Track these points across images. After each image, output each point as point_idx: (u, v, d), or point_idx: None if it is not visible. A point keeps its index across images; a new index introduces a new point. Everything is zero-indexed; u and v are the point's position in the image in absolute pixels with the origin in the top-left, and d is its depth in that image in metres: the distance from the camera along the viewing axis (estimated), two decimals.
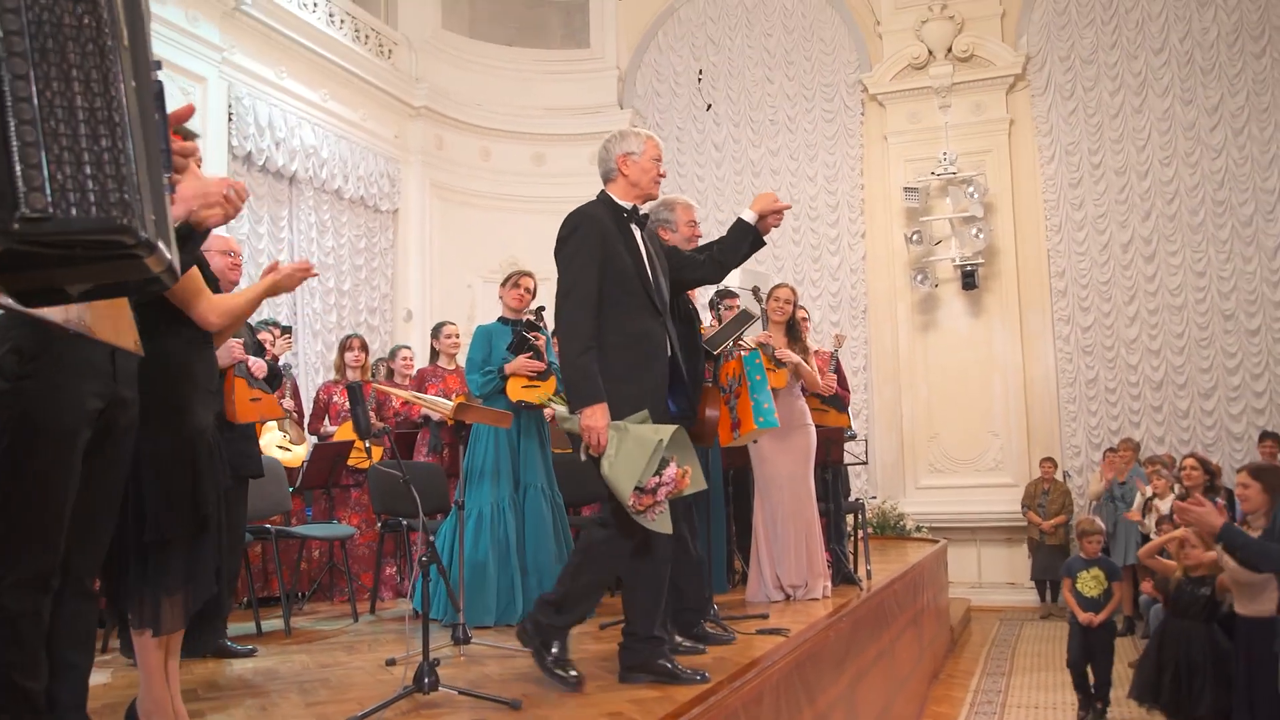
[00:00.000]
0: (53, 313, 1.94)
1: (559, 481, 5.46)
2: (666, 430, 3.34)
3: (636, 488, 3.23)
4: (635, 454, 3.26)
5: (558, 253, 3.51)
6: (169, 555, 2.58)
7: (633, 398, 3.35)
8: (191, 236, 2.56)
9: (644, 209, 4.22)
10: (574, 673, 3.37)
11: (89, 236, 1.17)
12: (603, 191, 3.68)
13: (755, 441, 5.41)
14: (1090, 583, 6.34)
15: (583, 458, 3.36)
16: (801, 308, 6.95)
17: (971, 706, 6.86)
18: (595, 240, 3.44)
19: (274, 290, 3.23)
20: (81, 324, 2.07)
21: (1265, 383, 10.53)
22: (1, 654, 2.12)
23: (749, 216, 3.95)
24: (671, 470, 3.30)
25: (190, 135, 2.71)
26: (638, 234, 3.62)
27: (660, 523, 3.30)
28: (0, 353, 2.11)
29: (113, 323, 2.21)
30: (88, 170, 1.15)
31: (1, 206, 1.12)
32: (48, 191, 1.13)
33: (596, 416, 3.25)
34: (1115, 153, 11.22)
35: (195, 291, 2.91)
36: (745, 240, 4.01)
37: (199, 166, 2.66)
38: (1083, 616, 6.30)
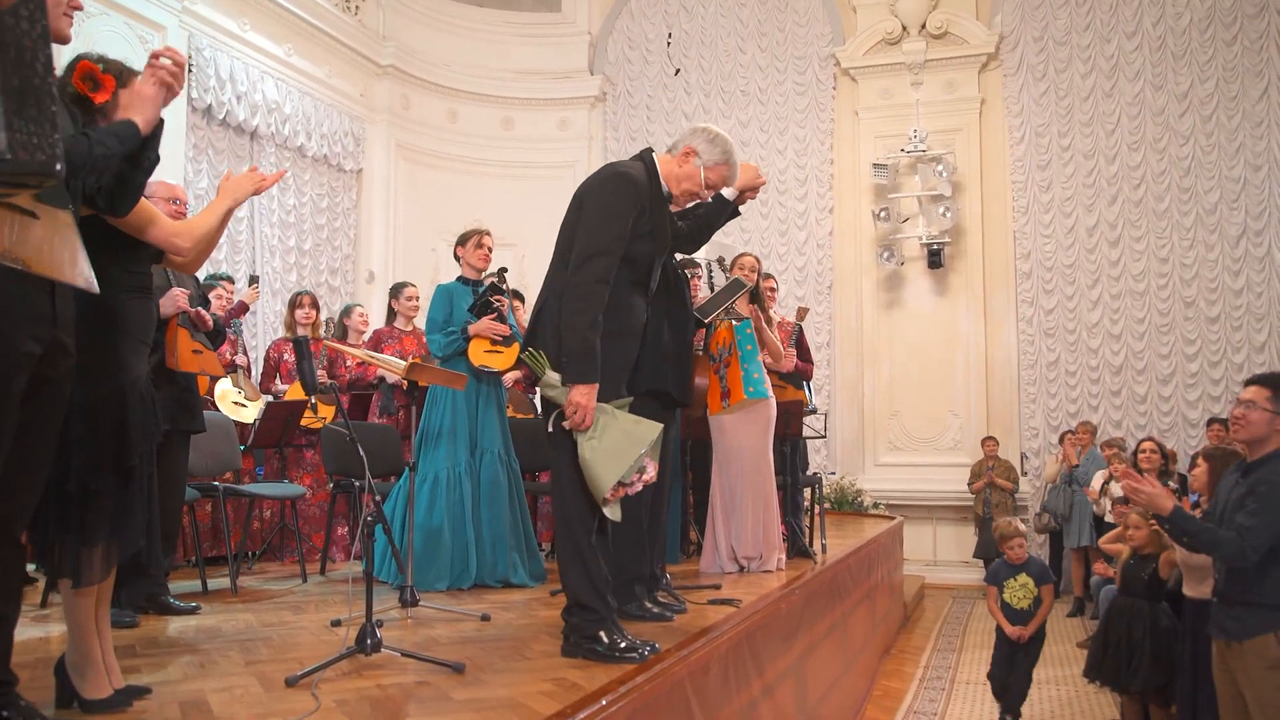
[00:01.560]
0: None
1: (515, 447, 5.41)
2: (655, 429, 3.27)
3: (619, 482, 3.17)
4: (623, 448, 3.18)
5: (588, 211, 3.27)
6: (91, 506, 2.50)
7: (607, 375, 3.24)
8: (151, 139, 2.50)
9: None
10: (634, 647, 3.20)
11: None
12: (650, 154, 3.50)
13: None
14: (1019, 592, 5.86)
15: (550, 428, 3.26)
16: (770, 276, 6.92)
17: (921, 682, 6.91)
18: (632, 210, 3.26)
19: (234, 199, 3.07)
20: (11, 257, 1.97)
21: (1222, 370, 10.64)
22: None
23: (729, 192, 3.87)
24: (651, 468, 3.26)
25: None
26: (665, 215, 3.50)
27: (614, 511, 3.26)
28: None
29: (53, 256, 2.11)
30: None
31: None
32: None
33: (588, 395, 3.14)
34: (1085, 136, 11.25)
35: (149, 219, 2.83)
36: (724, 214, 3.96)
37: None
38: (1011, 631, 5.80)
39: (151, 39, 8.38)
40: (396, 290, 6.73)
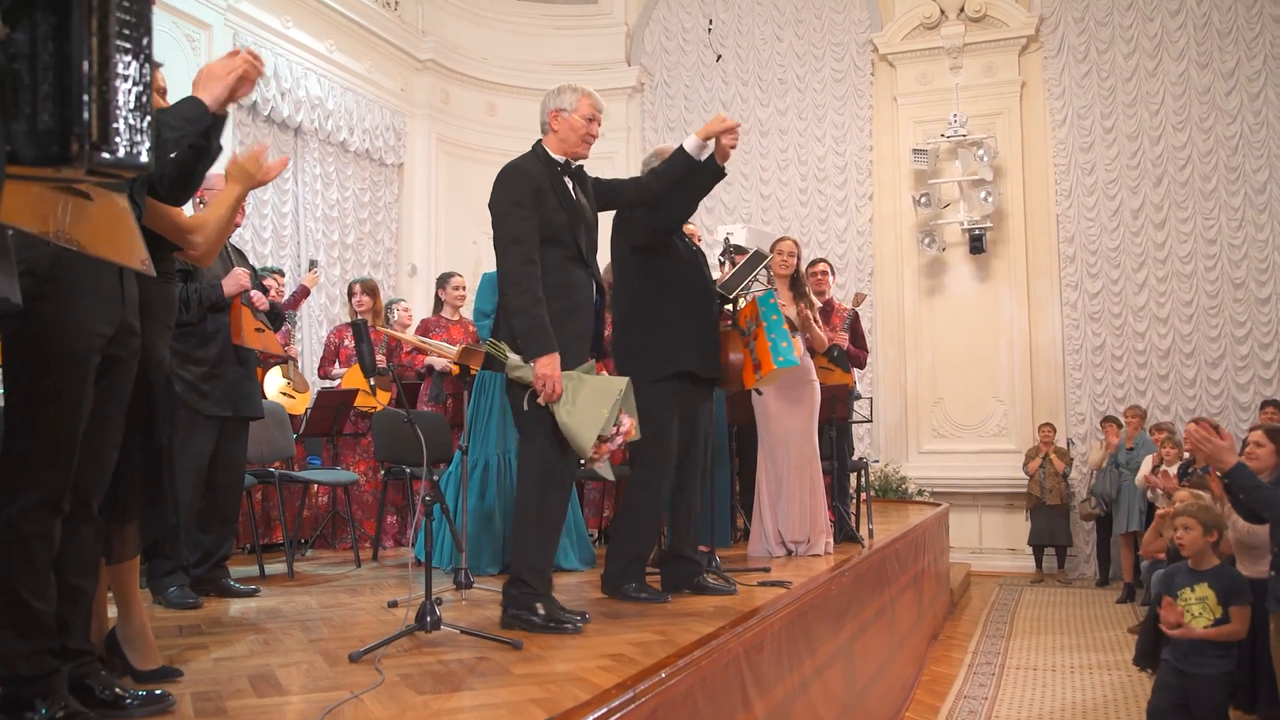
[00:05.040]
0: (32, 224, 1.91)
1: None
2: (622, 381, 3.46)
3: (600, 437, 3.32)
4: (595, 403, 3.35)
5: (492, 206, 3.54)
6: (122, 485, 2.54)
7: (558, 346, 3.39)
8: (215, 126, 2.58)
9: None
10: (569, 619, 3.43)
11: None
12: (538, 143, 3.71)
13: (759, 393, 5.40)
14: (1194, 607, 4.53)
15: (525, 406, 3.42)
16: (824, 261, 6.93)
17: (970, 667, 6.88)
18: (528, 193, 3.48)
19: (244, 186, 3.07)
20: (66, 238, 2.03)
21: (1274, 352, 10.47)
22: (13, 574, 2.14)
23: (690, 144, 3.89)
24: (626, 421, 3.43)
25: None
26: (570, 185, 3.65)
27: (604, 469, 3.50)
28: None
29: (113, 240, 2.17)
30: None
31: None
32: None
33: (552, 365, 3.33)
34: (1128, 117, 11.10)
35: (160, 213, 2.85)
36: (680, 168, 3.91)
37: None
38: (1170, 622, 4.58)
39: (198, 37, 8.52)
40: (443, 280, 6.81)
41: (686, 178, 3.95)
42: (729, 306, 4.67)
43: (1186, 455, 8.16)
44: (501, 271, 3.47)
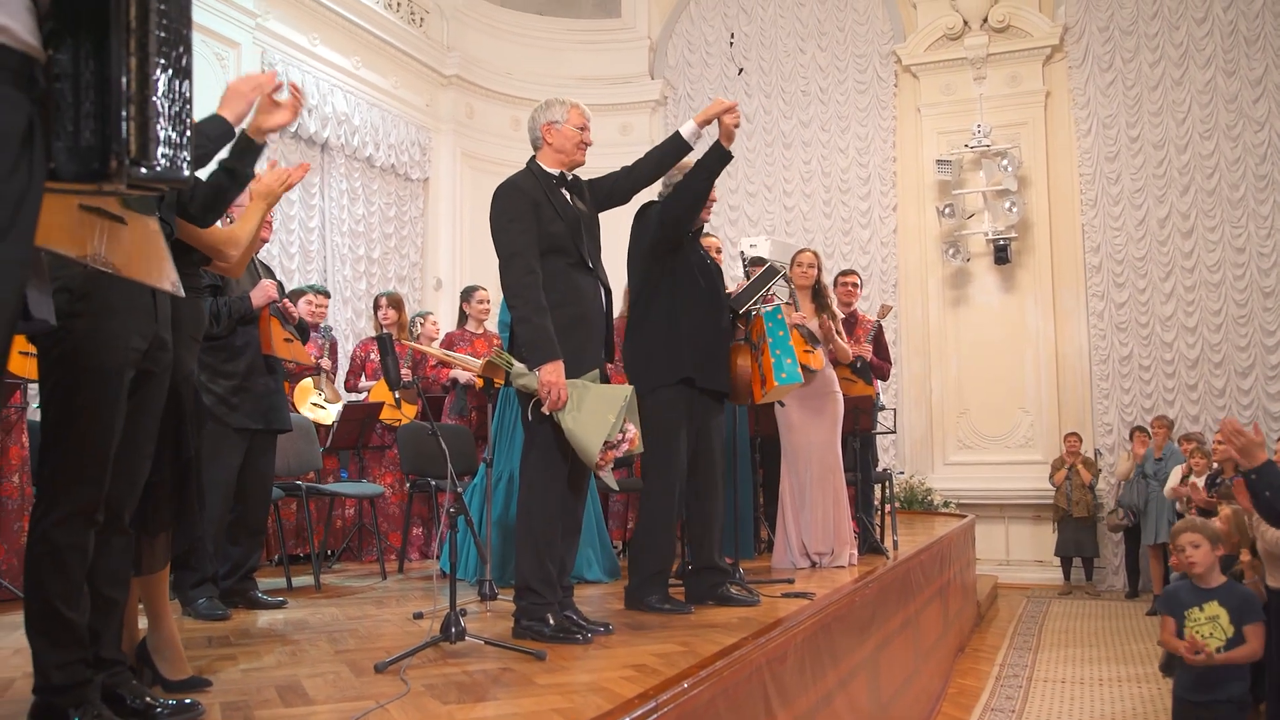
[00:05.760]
0: (69, 248, 1.96)
1: None
2: (626, 389, 3.52)
3: (605, 443, 3.37)
4: (601, 410, 3.41)
5: (492, 224, 3.62)
6: (152, 497, 2.59)
7: (568, 354, 3.46)
8: (249, 154, 2.63)
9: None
10: (580, 629, 3.48)
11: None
12: (531, 159, 3.78)
13: (782, 405, 5.41)
14: (1205, 627, 4.24)
15: (529, 416, 3.47)
16: (855, 273, 6.93)
17: (997, 680, 6.84)
18: (524, 207, 3.56)
19: (269, 201, 3.20)
20: (102, 260, 2.08)
21: None
22: (48, 584, 2.18)
23: (686, 129, 3.96)
24: (631, 429, 3.48)
25: None
26: (568, 196, 3.72)
27: (609, 477, 3.57)
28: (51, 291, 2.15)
29: (144, 262, 2.22)
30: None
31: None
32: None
33: (556, 373, 3.38)
34: (1154, 126, 11.04)
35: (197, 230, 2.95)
36: (672, 152, 3.98)
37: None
38: (1188, 652, 4.22)
39: (227, 56, 8.64)
40: (468, 294, 6.86)
41: (674, 160, 4.01)
42: (742, 320, 4.70)
43: (1215, 466, 8.09)
44: (504, 285, 3.55)
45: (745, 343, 4.55)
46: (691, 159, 4.10)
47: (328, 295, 6.67)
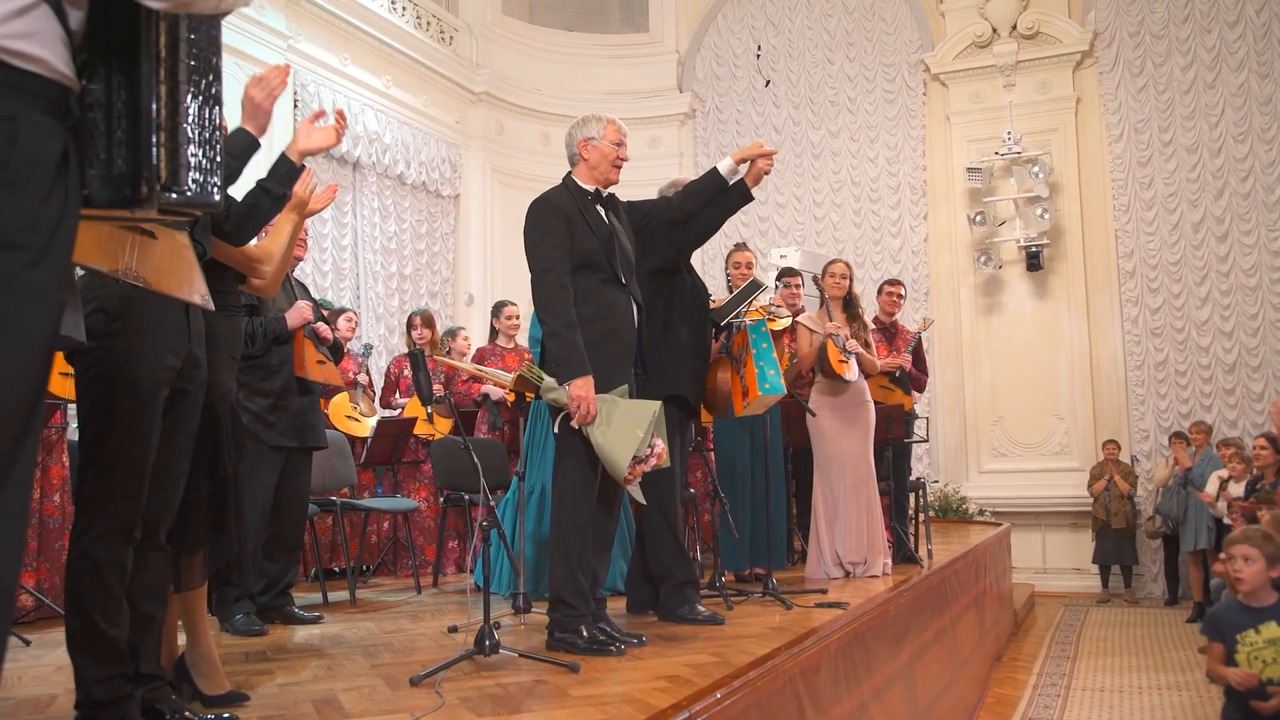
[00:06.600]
0: (101, 263, 2.01)
1: None
2: (655, 404, 3.53)
3: (634, 458, 3.39)
4: (630, 425, 3.42)
5: (525, 239, 3.64)
6: (190, 514, 2.63)
7: (599, 369, 3.47)
8: (289, 176, 2.70)
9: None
10: (612, 640, 3.51)
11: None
12: (568, 175, 3.80)
13: (813, 414, 5.40)
14: (1264, 652, 3.74)
15: (556, 430, 3.52)
16: (900, 283, 6.93)
17: (1035, 689, 6.78)
18: (557, 223, 3.58)
19: (300, 216, 3.24)
20: (133, 275, 2.13)
21: None
22: (88, 600, 2.22)
23: (724, 166, 4.01)
24: (659, 444, 3.49)
25: None
26: (603, 212, 3.74)
27: (637, 491, 3.57)
28: (87, 312, 2.20)
29: (175, 276, 2.27)
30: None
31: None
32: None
33: (585, 387, 3.40)
34: (1187, 130, 10.94)
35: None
36: (710, 188, 4.06)
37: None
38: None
39: None
40: (498, 309, 6.91)
41: (715, 198, 4.07)
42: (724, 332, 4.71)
43: (1255, 472, 7.99)
44: (535, 299, 3.58)
45: (726, 355, 4.57)
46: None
47: (356, 314, 6.77)
